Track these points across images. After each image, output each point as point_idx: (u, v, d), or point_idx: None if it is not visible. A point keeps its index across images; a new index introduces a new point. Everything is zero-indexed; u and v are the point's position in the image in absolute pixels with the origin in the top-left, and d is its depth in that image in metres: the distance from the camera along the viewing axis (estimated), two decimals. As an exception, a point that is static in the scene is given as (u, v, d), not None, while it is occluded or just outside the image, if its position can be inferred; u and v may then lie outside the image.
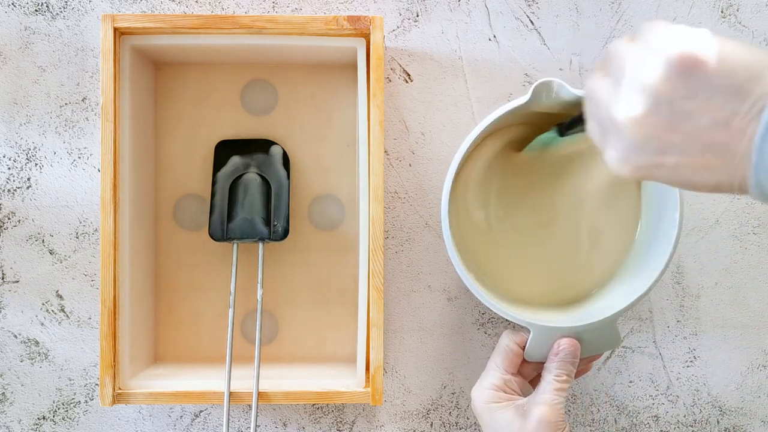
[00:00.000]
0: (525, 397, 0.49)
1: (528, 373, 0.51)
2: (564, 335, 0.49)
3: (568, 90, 0.47)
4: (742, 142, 0.31)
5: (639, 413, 0.59)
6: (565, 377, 0.48)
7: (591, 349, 0.50)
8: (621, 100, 0.33)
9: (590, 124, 0.38)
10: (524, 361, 0.50)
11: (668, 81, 0.31)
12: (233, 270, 0.55)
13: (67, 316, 0.58)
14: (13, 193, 0.58)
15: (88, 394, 0.59)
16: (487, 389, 0.48)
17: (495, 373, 0.49)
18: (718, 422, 0.59)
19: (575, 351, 0.49)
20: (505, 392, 0.48)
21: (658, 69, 0.32)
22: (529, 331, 0.49)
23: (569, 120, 0.48)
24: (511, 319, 0.49)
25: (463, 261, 0.49)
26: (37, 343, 0.58)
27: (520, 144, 0.53)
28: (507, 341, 0.50)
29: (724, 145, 0.31)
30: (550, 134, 0.51)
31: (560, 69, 0.58)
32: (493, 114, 0.48)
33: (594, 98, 0.36)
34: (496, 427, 0.47)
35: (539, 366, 0.51)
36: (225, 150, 0.57)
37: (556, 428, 0.46)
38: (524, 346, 0.49)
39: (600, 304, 0.51)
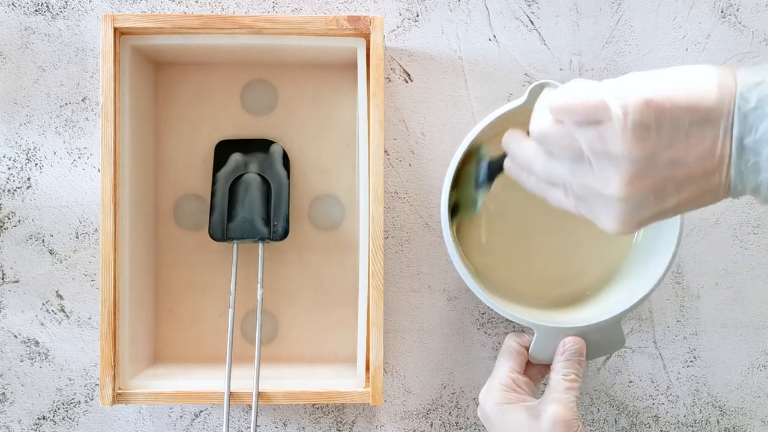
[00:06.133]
0: (535, 399, 0.48)
1: (534, 377, 0.50)
2: (569, 335, 0.49)
3: None
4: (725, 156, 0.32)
5: (639, 413, 0.59)
6: (573, 376, 0.47)
7: (596, 350, 0.50)
8: (600, 176, 0.34)
9: (564, 199, 0.38)
10: (529, 363, 0.50)
11: (643, 137, 0.32)
12: (233, 270, 0.55)
13: (67, 316, 0.58)
14: (13, 193, 0.58)
15: (88, 394, 0.59)
16: (497, 390, 0.48)
17: (503, 373, 0.49)
18: (718, 422, 0.59)
19: (581, 349, 0.48)
20: (515, 392, 0.48)
21: (628, 130, 0.32)
22: (532, 333, 0.49)
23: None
24: (514, 320, 0.48)
25: (463, 261, 0.49)
26: (37, 343, 0.58)
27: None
28: (511, 343, 0.50)
29: (716, 169, 0.32)
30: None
31: (560, 69, 0.58)
32: (492, 115, 0.48)
33: (560, 181, 0.37)
34: (508, 430, 0.46)
35: (545, 369, 0.50)
36: (225, 150, 0.57)
37: (571, 427, 0.45)
38: (528, 347, 0.49)
39: (603, 305, 0.51)
